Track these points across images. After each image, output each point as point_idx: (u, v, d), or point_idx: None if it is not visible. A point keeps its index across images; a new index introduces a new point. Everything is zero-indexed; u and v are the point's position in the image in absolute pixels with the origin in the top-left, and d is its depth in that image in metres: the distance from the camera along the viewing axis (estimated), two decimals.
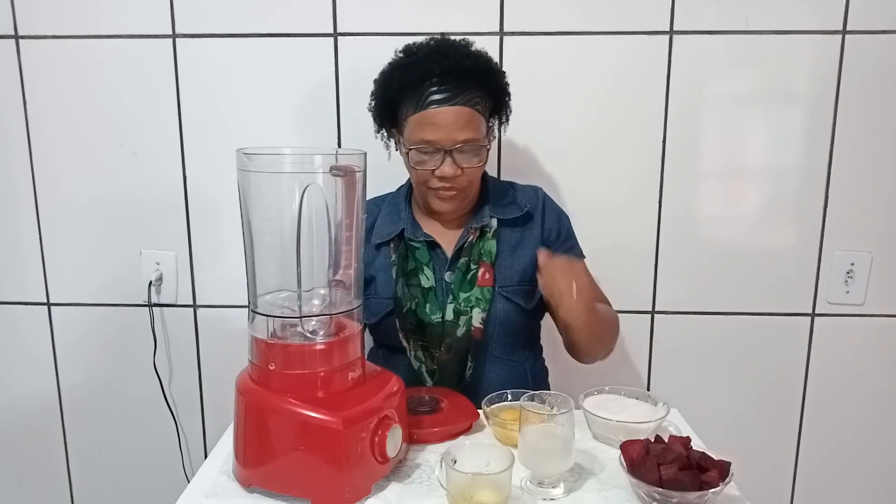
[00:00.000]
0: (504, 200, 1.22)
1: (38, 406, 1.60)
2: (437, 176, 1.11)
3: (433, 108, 1.09)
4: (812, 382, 1.52)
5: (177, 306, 1.55)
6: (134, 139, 1.47)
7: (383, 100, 1.17)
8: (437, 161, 1.10)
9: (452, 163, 1.09)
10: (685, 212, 1.47)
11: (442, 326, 1.16)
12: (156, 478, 1.62)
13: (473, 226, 1.18)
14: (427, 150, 1.10)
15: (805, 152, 1.43)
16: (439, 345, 1.16)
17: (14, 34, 1.43)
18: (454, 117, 1.09)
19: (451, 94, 1.09)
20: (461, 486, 0.79)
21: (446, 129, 1.08)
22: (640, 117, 1.43)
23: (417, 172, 1.14)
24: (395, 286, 1.17)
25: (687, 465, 0.82)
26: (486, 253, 1.17)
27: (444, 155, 1.10)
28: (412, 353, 1.18)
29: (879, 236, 1.46)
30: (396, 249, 1.19)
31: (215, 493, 0.88)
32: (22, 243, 1.53)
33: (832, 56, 1.38)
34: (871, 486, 1.57)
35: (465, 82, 1.10)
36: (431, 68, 1.09)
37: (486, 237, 1.18)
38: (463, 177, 1.12)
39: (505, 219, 1.20)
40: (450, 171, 1.10)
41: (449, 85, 1.09)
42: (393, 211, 1.23)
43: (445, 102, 1.08)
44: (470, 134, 1.10)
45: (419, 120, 1.10)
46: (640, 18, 1.38)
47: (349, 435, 0.82)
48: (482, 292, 1.16)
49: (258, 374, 0.88)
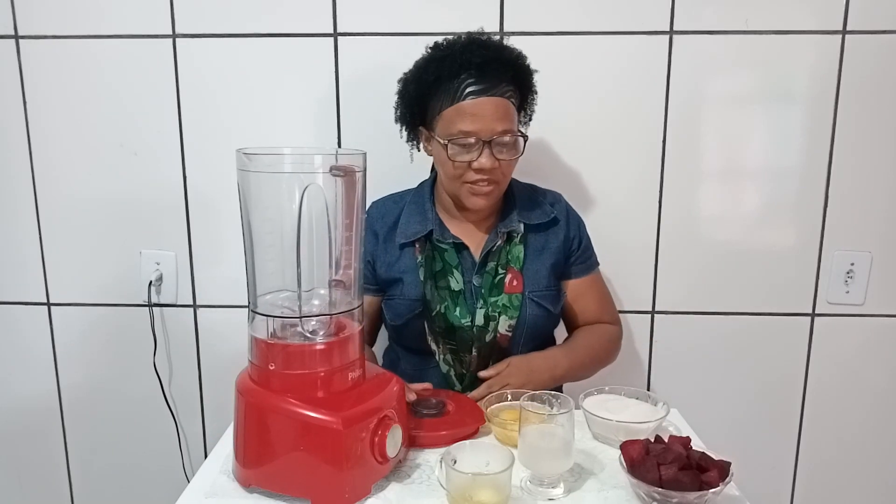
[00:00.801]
0: (531, 205, 1.22)
1: (38, 406, 1.60)
2: (474, 168, 1.10)
3: (471, 98, 1.07)
4: (812, 382, 1.53)
5: (177, 306, 1.55)
6: (134, 139, 1.47)
7: (414, 95, 1.15)
8: (476, 153, 1.08)
9: (490, 154, 1.08)
10: (685, 212, 1.47)
11: (472, 331, 1.16)
12: (156, 478, 1.62)
13: (502, 230, 1.17)
14: (465, 141, 1.08)
15: (805, 152, 1.43)
16: (469, 349, 1.16)
17: (14, 34, 1.43)
18: (493, 108, 1.08)
19: (488, 85, 1.08)
20: (461, 487, 0.79)
21: (484, 119, 1.07)
22: (640, 117, 1.43)
23: (454, 166, 1.11)
24: (423, 288, 1.16)
25: (687, 465, 0.82)
26: (514, 259, 1.17)
27: (483, 146, 1.08)
28: (441, 356, 1.17)
29: (879, 236, 1.46)
30: (423, 250, 1.18)
31: (215, 493, 0.88)
32: (22, 243, 1.53)
33: (832, 56, 1.38)
34: (870, 486, 1.57)
35: (502, 74, 1.09)
36: (470, 59, 1.08)
37: (513, 242, 1.18)
38: (499, 170, 1.11)
39: (531, 223, 1.19)
40: (488, 162, 1.08)
41: (487, 76, 1.08)
42: (418, 210, 1.22)
43: (483, 93, 1.07)
44: (507, 125, 1.09)
45: (457, 111, 1.08)
46: (640, 18, 1.38)
47: (349, 435, 0.82)
48: (510, 299, 1.16)
49: (258, 374, 0.88)
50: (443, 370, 1.18)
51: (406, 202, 1.24)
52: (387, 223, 1.23)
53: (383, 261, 1.21)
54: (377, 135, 1.42)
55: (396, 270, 1.19)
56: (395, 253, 1.20)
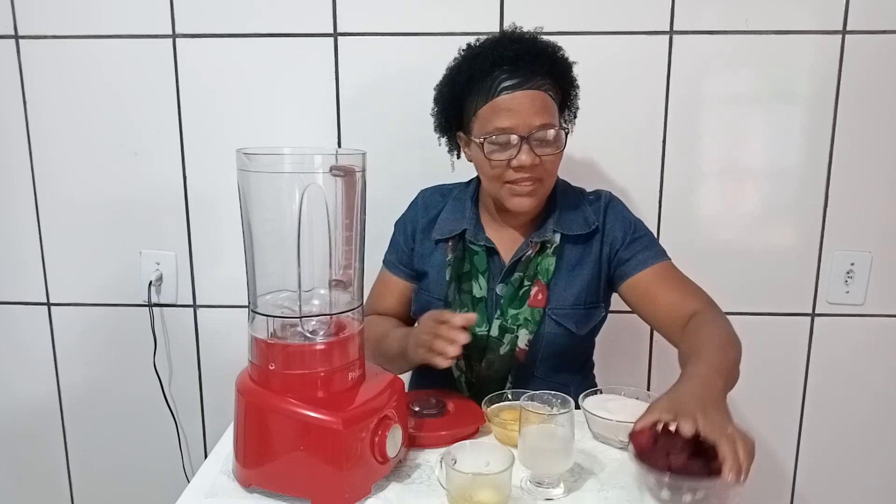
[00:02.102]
0: (571, 213, 1.14)
1: (38, 406, 1.61)
2: (513, 167, 1.04)
3: (506, 94, 1.03)
4: (812, 382, 1.53)
5: (177, 306, 1.55)
6: (134, 139, 1.47)
7: (448, 99, 1.11)
8: (514, 150, 1.03)
9: (529, 150, 1.03)
10: (685, 212, 1.47)
11: (486, 341, 1.12)
12: (156, 478, 1.62)
13: (534, 240, 1.11)
14: (502, 139, 1.04)
15: (805, 152, 1.43)
16: (481, 359, 1.13)
17: (14, 34, 1.43)
18: (529, 102, 1.03)
19: (523, 79, 1.03)
20: (461, 487, 0.79)
21: (521, 114, 1.03)
22: (640, 117, 1.43)
23: (492, 166, 1.06)
24: (447, 289, 1.14)
25: (696, 453, 0.79)
26: (543, 271, 1.11)
27: (521, 142, 1.03)
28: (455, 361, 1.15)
29: (879, 236, 1.46)
30: (454, 249, 1.15)
31: (215, 493, 0.88)
32: (22, 243, 1.53)
33: (832, 56, 1.38)
34: (870, 486, 1.57)
35: (537, 67, 1.05)
36: (502, 54, 1.04)
37: (545, 253, 1.12)
38: (541, 166, 1.05)
39: (569, 234, 1.12)
40: (527, 159, 1.03)
41: (520, 69, 1.04)
42: (458, 207, 1.18)
43: (518, 87, 1.03)
44: (546, 119, 1.04)
45: (492, 108, 1.04)
46: (639, 19, 1.38)
47: (349, 435, 0.82)
48: (532, 313, 1.10)
49: (258, 374, 0.88)
50: (454, 374, 1.16)
51: (451, 197, 1.21)
52: (429, 214, 1.20)
53: (419, 250, 1.20)
54: (377, 135, 1.43)
55: (427, 263, 1.18)
56: (430, 246, 1.18)
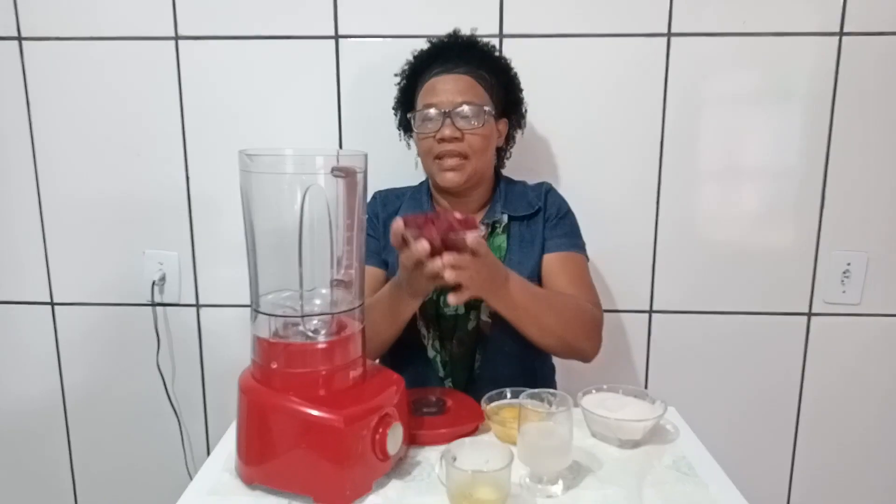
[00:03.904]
0: (516, 198, 1.25)
1: (42, 405, 1.61)
2: (437, 139, 1.15)
3: (435, 77, 1.17)
4: (809, 381, 1.53)
5: (180, 306, 1.56)
6: (137, 140, 1.48)
7: (403, 91, 1.26)
8: (438, 123, 1.15)
9: (451, 124, 1.14)
10: (683, 212, 1.48)
11: (455, 320, 1.19)
12: (159, 476, 1.63)
13: (485, 221, 1.21)
14: (428, 114, 1.15)
15: (802, 153, 1.44)
16: (452, 337, 1.20)
17: (17, 35, 1.44)
18: (453, 83, 1.16)
19: (452, 65, 1.17)
20: (461, 484, 0.80)
21: (446, 93, 1.15)
22: (638, 119, 1.44)
23: (422, 143, 1.18)
24: None
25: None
26: (496, 248, 1.20)
27: (443, 117, 1.14)
28: (430, 342, 1.21)
29: (876, 236, 1.46)
30: None
31: (218, 490, 0.88)
32: (25, 243, 1.53)
33: (829, 57, 1.39)
34: (867, 486, 1.58)
35: (468, 57, 1.19)
36: (440, 49, 1.21)
37: (496, 233, 1.21)
38: (463, 143, 1.15)
39: (515, 215, 1.22)
40: (448, 132, 1.14)
41: (452, 59, 1.18)
42: (415, 204, 1.26)
43: (447, 72, 1.17)
44: (468, 97, 1.15)
45: (425, 90, 1.18)
46: (638, 20, 1.39)
47: (350, 433, 0.83)
48: None
49: (260, 373, 0.89)
50: (430, 355, 1.21)
51: (406, 197, 1.29)
52: (388, 211, 1.28)
53: (385, 241, 1.25)
54: (378, 136, 1.44)
55: (391, 253, 1.23)
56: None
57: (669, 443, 1.01)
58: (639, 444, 0.99)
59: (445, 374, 1.21)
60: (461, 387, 1.20)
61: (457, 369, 1.20)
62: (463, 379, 1.20)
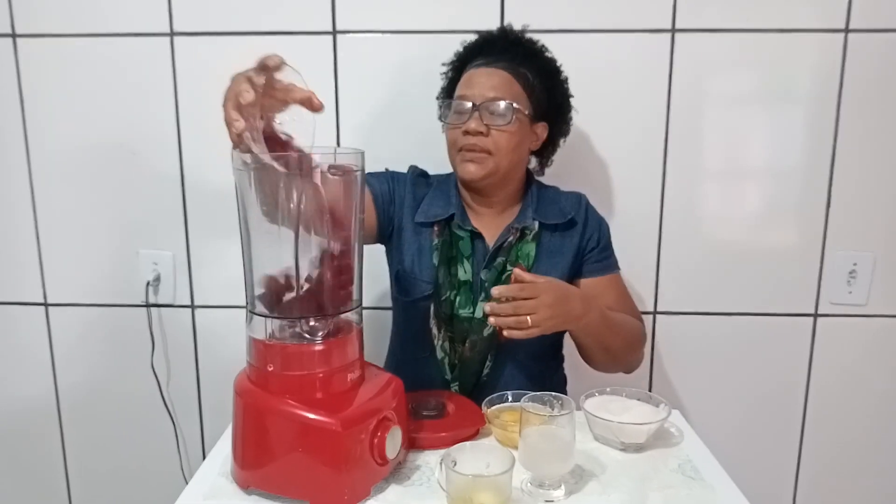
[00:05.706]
0: (548, 204, 1.22)
1: (36, 407, 1.60)
2: (463, 132, 1.12)
3: (475, 69, 1.15)
4: (814, 383, 1.52)
5: (174, 307, 1.54)
6: (132, 138, 1.46)
7: (449, 81, 1.23)
8: (466, 116, 1.12)
9: (479, 118, 1.11)
10: (687, 211, 1.46)
11: (470, 323, 1.16)
12: (154, 479, 1.61)
13: (515, 226, 1.18)
14: (459, 105, 1.13)
15: (807, 152, 1.43)
16: (464, 340, 1.17)
17: (11, 32, 1.43)
18: (487, 77, 1.13)
19: (491, 59, 1.15)
20: (461, 488, 0.79)
21: (480, 86, 1.12)
22: (641, 116, 1.42)
23: (450, 133, 1.16)
24: (436, 272, 1.17)
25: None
26: (524, 256, 1.17)
27: (472, 110, 1.11)
28: (440, 342, 1.18)
29: (882, 236, 1.45)
30: (441, 234, 1.18)
31: (213, 494, 0.87)
32: (19, 243, 1.52)
33: (835, 54, 1.38)
34: (873, 488, 1.57)
35: (511, 54, 1.15)
36: (487, 42, 1.19)
37: (525, 239, 1.18)
38: (488, 139, 1.11)
39: (547, 223, 1.19)
40: (474, 125, 1.11)
41: (495, 53, 1.16)
42: (442, 195, 1.22)
43: (486, 65, 1.14)
44: (500, 93, 1.11)
45: (462, 81, 1.16)
46: (641, 16, 1.38)
47: (348, 436, 0.82)
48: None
49: (256, 376, 0.88)
50: (438, 356, 1.18)
51: (434, 185, 1.25)
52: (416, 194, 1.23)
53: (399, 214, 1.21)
54: (376, 134, 1.42)
55: (409, 247, 1.20)
56: (412, 230, 1.20)
57: (674, 446, 1.00)
58: (643, 448, 0.98)
59: (453, 378, 1.17)
60: (467, 391, 1.16)
61: (465, 373, 1.16)
62: (470, 383, 1.16)
